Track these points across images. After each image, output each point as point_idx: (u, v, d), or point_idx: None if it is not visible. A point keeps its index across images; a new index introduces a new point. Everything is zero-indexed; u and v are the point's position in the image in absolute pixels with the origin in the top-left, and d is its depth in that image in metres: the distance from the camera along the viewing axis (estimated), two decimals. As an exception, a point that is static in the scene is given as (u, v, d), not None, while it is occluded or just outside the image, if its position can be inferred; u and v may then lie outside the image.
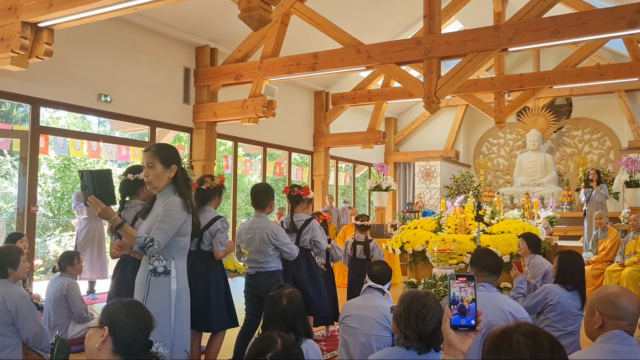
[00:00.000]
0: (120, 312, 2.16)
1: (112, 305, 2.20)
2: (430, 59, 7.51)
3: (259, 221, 4.66)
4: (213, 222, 4.27)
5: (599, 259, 8.29)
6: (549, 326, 3.90)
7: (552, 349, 1.44)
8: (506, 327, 1.52)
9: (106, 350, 2.11)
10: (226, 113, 9.48)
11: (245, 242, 4.65)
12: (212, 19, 9.38)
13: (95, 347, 2.10)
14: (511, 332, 1.49)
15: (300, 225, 5.17)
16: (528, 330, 1.48)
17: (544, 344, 1.45)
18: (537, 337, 1.46)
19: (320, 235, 5.20)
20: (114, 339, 2.11)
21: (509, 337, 1.48)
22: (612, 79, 10.13)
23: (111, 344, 2.12)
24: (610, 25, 6.50)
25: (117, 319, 2.14)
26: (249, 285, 4.70)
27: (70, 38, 7.62)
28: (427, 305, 2.63)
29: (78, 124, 14.94)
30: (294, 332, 2.86)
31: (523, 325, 1.52)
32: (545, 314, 3.94)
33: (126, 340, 2.12)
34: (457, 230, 8.63)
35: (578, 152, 14.76)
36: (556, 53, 13.61)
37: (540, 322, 3.98)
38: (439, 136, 16.04)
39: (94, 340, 2.12)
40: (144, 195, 3.98)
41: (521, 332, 1.48)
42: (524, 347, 1.45)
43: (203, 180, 4.38)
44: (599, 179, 9.98)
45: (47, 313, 5.21)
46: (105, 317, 2.15)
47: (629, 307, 2.21)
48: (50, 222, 13.94)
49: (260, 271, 4.62)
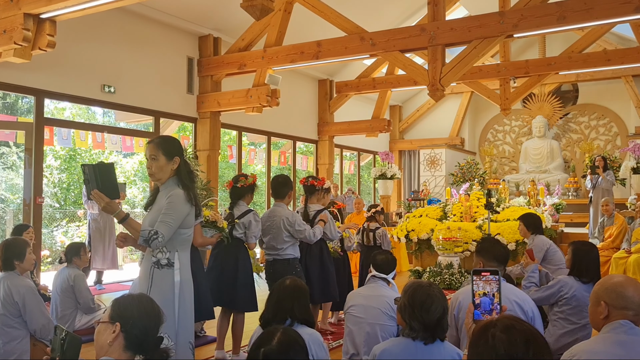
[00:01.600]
0: (132, 307, 2.14)
1: (124, 300, 2.18)
2: (434, 46, 7.46)
3: (277, 210, 4.91)
4: (245, 214, 4.70)
5: (606, 246, 8.27)
6: (564, 319, 3.86)
7: (526, 345, 1.44)
8: (487, 322, 1.53)
9: (117, 346, 2.10)
10: (230, 103, 9.46)
11: (265, 230, 4.86)
12: (215, 8, 9.34)
13: (107, 343, 2.09)
14: (489, 328, 1.50)
15: (312, 215, 5.30)
16: (505, 325, 1.48)
17: (518, 340, 1.44)
18: (512, 332, 1.46)
19: (331, 226, 5.29)
20: (125, 336, 2.10)
21: (486, 332, 1.49)
22: (619, 64, 10.03)
23: (123, 341, 2.10)
24: (617, 10, 6.42)
25: (129, 315, 2.12)
26: (267, 273, 4.93)
27: (72, 29, 7.60)
28: (431, 295, 2.63)
29: (83, 115, 14.95)
30: (291, 317, 2.86)
31: (502, 320, 1.52)
32: (560, 306, 3.88)
33: (138, 336, 2.10)
34: (462, 218, 8.62)
35: (584, 138, 14.67)
36: (562, 38, 13.48)
37: (554, 315, 3.93)
38: (444, 124, 15.98)
39: (105, 336, 2.10)
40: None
41: (498, 328, 1.48)
42: (499, 342, 1.45)
43: (238, 179, 4.86)
44: (605, 165, 9.93)
45: (54, 304, 5.24)
46: (116, 312, 2.13)
47: (635, 297, 2.19)
48: (57, 213, 14.00)
49: (277, 258, 4.84)
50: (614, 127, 14.38)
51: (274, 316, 2.87)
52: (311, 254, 5.32)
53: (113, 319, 2.11)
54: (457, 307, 3.31)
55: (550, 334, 3.89)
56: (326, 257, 5.42)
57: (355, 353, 3.68)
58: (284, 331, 2.04)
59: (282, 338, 1.99)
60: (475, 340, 1.51)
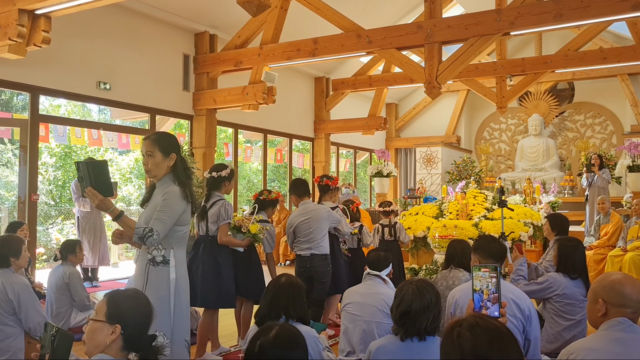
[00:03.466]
0: (132, 308, 2.14)
1: (121, 300, 2.15)
2: (431, 43, 7.45)
3: (310, 205, 5.23)
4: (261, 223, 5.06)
5: (601, 244, 8.28)
6: (559, 316, 3.87)
7: (490, 341, 1.44)
8: (455, 321, 1.54)
9: (115, 347, 2.09)
10: (226, 100, 9.43)
11: (301, 226, 5.11)
12: (211, 4, 9.30)
13: (104, 343, 2.07)
14: (455, 326, 1.51)
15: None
16: (470, 323, 1.49)
17: (482, 337, 1.45)
18: (476, 330, 1.47)
19: (342, 223, 5.52)
20: (124, 337, 2.09)
21: (452, 331, 1.50)
22: (615, 63, 10.04)
23: (121, 342, 2.09)
24: (614, 8, 6.42)
25: (130, 318, 2.11)
26: (302, 267, 5.12)
27: (68, 25, 7.56)
28: (402, 289, 2.70)
29: (78, 112, 14.89)
30: (285, 315, 2.86)
31: (468, 318, 1.53)
32: (552, 303, 3.89)
33: (135, 336, 2.11)
34: (458, 216, 8.62)
35: (580, 136, 14.70)
36: (559, 37, 13.50)
37: (548, 312, 3.94)
38: (440, 122, 15.98)
39: (102, 336, 2.08)
40: (225, 190, 4.70)
41: (464, 326, 1.49)
42: (463, 340, 1.46)
43: (262, 192, 5.31)
44: (601, 163, 9.94)
45: (49, 301, 5.22)
46: (114, 312, 2.10)
47: (632, 295, 2.19)
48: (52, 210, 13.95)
49: (316, 253, 5.09)
50: (610, 125, 14.40)
51: (269, 313, 2.87)
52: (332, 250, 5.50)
53: (112, 319, 2.09)
54: (453, 305, 3.31)
55: (547, 332, 3.89)
56: (337, 252, 5.63)
57: (352, 351, 3.68)
58: (282, 326, 2.03)
59: (280, 332, 1.98)
60: (444, 339, 1.53)
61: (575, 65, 10.17)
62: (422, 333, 2.62)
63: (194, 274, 4.49)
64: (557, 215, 5.38)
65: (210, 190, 4.68)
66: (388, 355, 2.68)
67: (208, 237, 4.62)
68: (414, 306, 2.61)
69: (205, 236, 4.64)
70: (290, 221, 5.28)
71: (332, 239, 5.53)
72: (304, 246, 5.12)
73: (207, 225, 4.61)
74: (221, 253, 4.61)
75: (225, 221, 4.56)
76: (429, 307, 2.63)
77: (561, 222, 5.17)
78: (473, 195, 9.00)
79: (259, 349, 1.94)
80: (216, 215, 4.55)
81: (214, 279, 4.55)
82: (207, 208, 4.61)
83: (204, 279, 4.53)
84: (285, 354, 1.93)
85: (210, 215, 4.58)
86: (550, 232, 5.18)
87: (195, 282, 4.45)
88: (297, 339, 1.99)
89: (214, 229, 4.57)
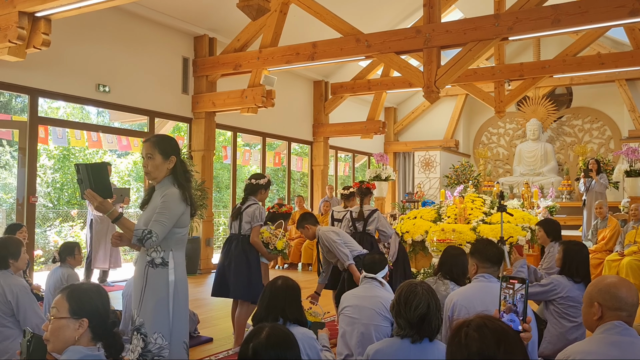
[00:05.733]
0: (96, 301, 2.22)
1: (82, 294, 2.21)
2: (430, 48, 7.48)
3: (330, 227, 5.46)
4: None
5: (599, 249, 8.29)
6: (562, 317, 3.87)
7: (497, 342, 1.45)
8: (461, 322, 1.54)
9: (84, 340, 2.16)
10: (225, 103, 9.45)
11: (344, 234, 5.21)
12: (210, 8, 9.33)
13: (72, 339, 2.14)
14: (462, 327, 1.51)
15: (367, 214, 5.84)
16: (477, 324, 1.50)
17: (489, 338, 1.45)
18: (484, 331, 1.47)
19: (385, 224, 5.84)
20: (91, 329, 2.17)
21: (460, 331, 1.50)
22: (613, 68, 10.09)
23: (89, 334, 2.17)
24: (611, 14, 6.46)
25: (94, 309, 2.19)
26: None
27: (67, 28, 7.58)
28: (414, 292, 2.64)
29: (77, 114, 14.89)
30: (282, 317, 2.87)
31: (476, 319, 1.53)
32: (556, 305, 3.90)
33: (101, 326, 2.19)
34: (456, 220, 8.64)
35: (578, 141, 14.73)
36: (557, 42, 13.54)
37: (551, 314, 3.94)
38: (439, 126, 16.01)
39: (69, 332, 2.14)
40: (260, 197, 5.10)
41: (471, 327, 1.49)
42: (471, 341, 1.46)
43: (273, 206, 5.72)
44: (598, 168, 9.97)
45: (47, 304, 5.20)
46: (78, 307, 2.17)
47: (628, 298, 2.19)
48: (50, 212, 13.93)
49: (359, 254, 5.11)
50: (608, 130, 14.44)
51: (266, 316, 2.88)
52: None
53: (77, 314, 2.16)
54: (451, 308, 3.31)
55: (551, 333, 3.90)
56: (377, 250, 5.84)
57: (350, 354, 3.68)
58: (273, 327, 2.03)
59: (271, 332, 1.98)
60: (450, 339, 1.53)
61: (573, 70, 10.21)
62: (434, 333, 2.62)
63: (226, 268, 4.96)
64: (549, 221, 5.43)
65: (247, 195, 5.09)
66: (386, 357, 2.68)
67: (240, 235, 4.99)
68: (431, 306, 2.61)
69: (237, 234, 5.01)
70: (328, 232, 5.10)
71: (372, 242, 5.80)
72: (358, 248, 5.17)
73: (240, 224, 4.99)
74: (251, 250, 4.97)
75: (258, 223, 4.95)
76: (438, 307, 2.65)
77: (555, 227, 5.21)
78: (471, 200, 9.03)
79: (253, 351, 1.94)
80: (251, 215, 4.94)
81: (246, 273, 4.91)
82: (243, 209, 5.00)
83: (236, 272, 4.89)
84: (281, 355, 1.94)
85: (246, 214, 4.96)
86: (545, 238, 5.19)
87: (227, 276, 4.93)
88: (289, 338, 1.99)
89: (247, 228, 4.95)
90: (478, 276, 3.41)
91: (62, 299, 2.19)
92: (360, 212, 5.88)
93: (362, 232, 5.81)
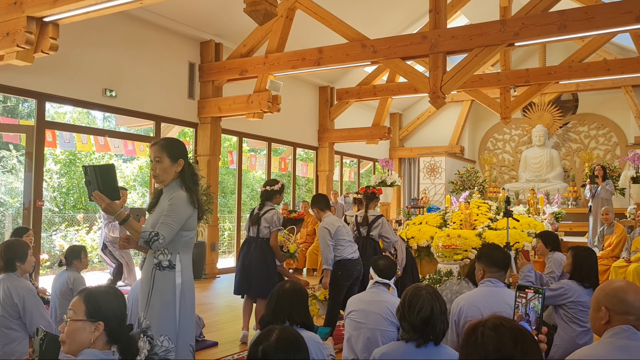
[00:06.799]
0: (111, 303, 2.21)
1: (99, 296, 2.21)
2: (435, 53, 7.48)
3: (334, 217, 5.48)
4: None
5: (605, 255, 8.26)
6: (572, 322, 3.86)
7: (514, 342, 1.44)
8: (477, 322, 1.54)
9: (100, 343, 2.16)
10: (231, 108, 9.48)
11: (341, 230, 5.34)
12: (217, 13, 9.37)
13: (88, 342, 2.13)
14: (478, 326, 1.51)
15: (371, 219, 5.96)
16: (494, 323, 1.49)
17: (507, 337, 1.45)
18: (501, 330, 1.47)
19: (389, 231, 5.95)
20: (107, 332, 2.16)
21: (476, 331, 1.50)
22: (619, 74, 10.06)
23: (105, 337, 2.16)
24: (617, 20, 6.45)
25: (111, 313, 2.18)
26: (354, 270, 5.33)
27: (75, 33, 7.63)
28: (418, 295, 2.64)
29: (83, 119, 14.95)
30: (289, 320, 2.87)
31: (492, 319, 1.53)
32: (566, 309, 3.89)
33: (117, 330, 2.18)
34: (462, 226, 8.62)
35: (584, 147, 14.70)
36: (562, 48, 13.54)
37: (561, 318, 3.93)
38: (444, 132, 16.00)
39: (85, 335, 2.14)
40: (275, 201, 5.44)
41: (488, 326, 1.49)
42: (488, 340, 1.46)
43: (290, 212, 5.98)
44: (604, 174, 9.94)
45: (53, 307, 5.21)
46: (95, 310, 2.16)
47: (635, 302, 2.17)
48: (56, 217, 13.98)
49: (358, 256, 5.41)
50: (614, 136, 14.41)
51: (273, 319, 2.88)
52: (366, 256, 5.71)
53: (93, 317, 2.15)
54: (457, 313, 3.31)
55: (561, 337, 3.89)
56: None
57: (355, 358, 3.68)
58: (282, 329, 2.02)
59: (281, 335, 1.96)
60: (466, 339, 1.52)
61: (579, 76, 10.20)
62: (439, 337, 2.62)
63: (246, 268, 5.31)
64: (547, 232, 5.62)
65: (264, 201, 5.43)
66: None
67: (259, 238, 5.34)
68: (435, 310, 2.61)
69: (256, 237, 5.35)
70: (330, 227, 5.30)
71: (376, 247, 5.94)
72: (351, 250, 5.36)
73: (259, 228, 5.33)
74: (270, 252, 5.32)
75: (277, 227, 5.31)
76: (444, 311, 2.64)
77: (553, 238, 5.39)
78: (477, 205, 9.00)
79: (262, 353, 1.92)
80: (269, 221, 5.28)
81: (265, 273, 5.25)
82: (261, 214, 5.33)
83: (256, 273, 5.24)
84: (290, 357, 1.92)
85: (264, 219, 5.30)
86: (544, 249, 5.32)
87: (249, 276, 5.28)
88: (299, 341, 1.98)
89: (266, 232, 5.30)
90: (485, 281, 3.41)
91: (80, 302, 2.19)
92: (364, 217, 5.99)
93: (366, 237, 5.93)
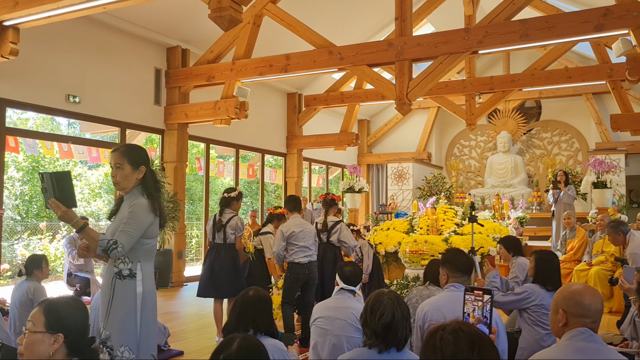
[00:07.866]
0: (72, 315, 2.14)
1: (59, 308, 2.14)
2: (402, 61, 7.56)
3: (300, 220, 5.72)
4: (264, 233, 6.33)
5: (568, 259, 8.43)
6: (536, 325, 3.92)
7: (471, 346, 1.46)
8: (437, 326, 1.56)
9: (59, 356, 2.09)
10: (198, 114, 9.40)
11: (297, 235, 5.55)
12: (183, 19, 9.30)
13: (47, 354, 2.06)
14: (438, 330, 1.53)
15: (330, 225, 6.12)
16: (453, 328, 1.52)
17: (464, 341, 1.47)
18: (459, 334, 1.49)
19: (347, 236, 6.09)
20: (67, 344, 2.09)
21: (435, 334, 1.52)
22: (580, 82, 10.34)
23: (65, 349, 2.10)
24: (577, 29, 6.63)
25: (71, 324, 2.12)
26: (300, 274, 5.54)
27: (36, 37, 7.47)
28: (380, 300, 2.64)
29: (47, 125, 14.65)
30: (253, 328, 2.85)
31: (452, 323, 1.55)
32: (530, 313, 3.95)
33: (78, 341, 2.12)
34: (429, 231, 8.70)
35: (547, 153, 15.02)
36: (526, 56, 13.83)
37: (525, 321, 3.99)
38: (412, 138, 16.16)
39: (44, 347, 2.07)
40: (234, 207, 5.69)
41: (447, 330, 1.51)
42: (446, 344, 1.48)
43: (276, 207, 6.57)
44: (566, 180, 10.15)
45: (12, 318, 5.07)
46: (55, 321, 2.09)
47: (592, 305, 2.22)
48: (18, 225, 13.64)
49: (312, 260, 5.61)
50: (576, 142, 14.76)
51: (237, 327, 2.85)
52: (326, 261, 6.03)
53: (53, 328, 2.08)
54: (422, 317, 3.33)
55: (526, 340, 3.95)
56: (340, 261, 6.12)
57: (321, 365, 3.66)
58: (243, 337, 2.00)
59: (242, 344, 1.95)
60: (425, 342, 1.54)
61: (542, 83, 10.44)
62: (402, 343, 2.61)
63: (217, 272, 5.54)
64: (509, 237, 5.62)
65: (223, 207, 5.67)
66: (356, 368, 2.67)
67: (226, 243, 5.60)
68: (397, 315, 2.60)
69: (223, 243, 5.61)
70: (285, 230, 5.60)
71: (336, 253, 6.11)
72: (302, 254, 5.56)
73: (225, 234, 5.60)
74: (237, 255, 5.65)
75: (241, 233, 5.68)
76: (406, 316, 2.64)
77: (515, 243, 5.38)
78: (443, 211, 9.10)
79: None
80: (234, 227, 5.59)
81: (235, 275, 5.56)
82: (225, 222, 5.60)
83: (228, 275, 5.51)
84: None
85: (230, 227, 5.59)
86: (507, 254, 5.31)
87: (218, 279, 5.51)
88: (260, 350, 1.97)
89: (232, 237, 5.60)
90: (449, 285, 3.43)
91: (39, 313, 2.12)
92: (324, 223, 6.16)
93: (327, 243, 6.09)
